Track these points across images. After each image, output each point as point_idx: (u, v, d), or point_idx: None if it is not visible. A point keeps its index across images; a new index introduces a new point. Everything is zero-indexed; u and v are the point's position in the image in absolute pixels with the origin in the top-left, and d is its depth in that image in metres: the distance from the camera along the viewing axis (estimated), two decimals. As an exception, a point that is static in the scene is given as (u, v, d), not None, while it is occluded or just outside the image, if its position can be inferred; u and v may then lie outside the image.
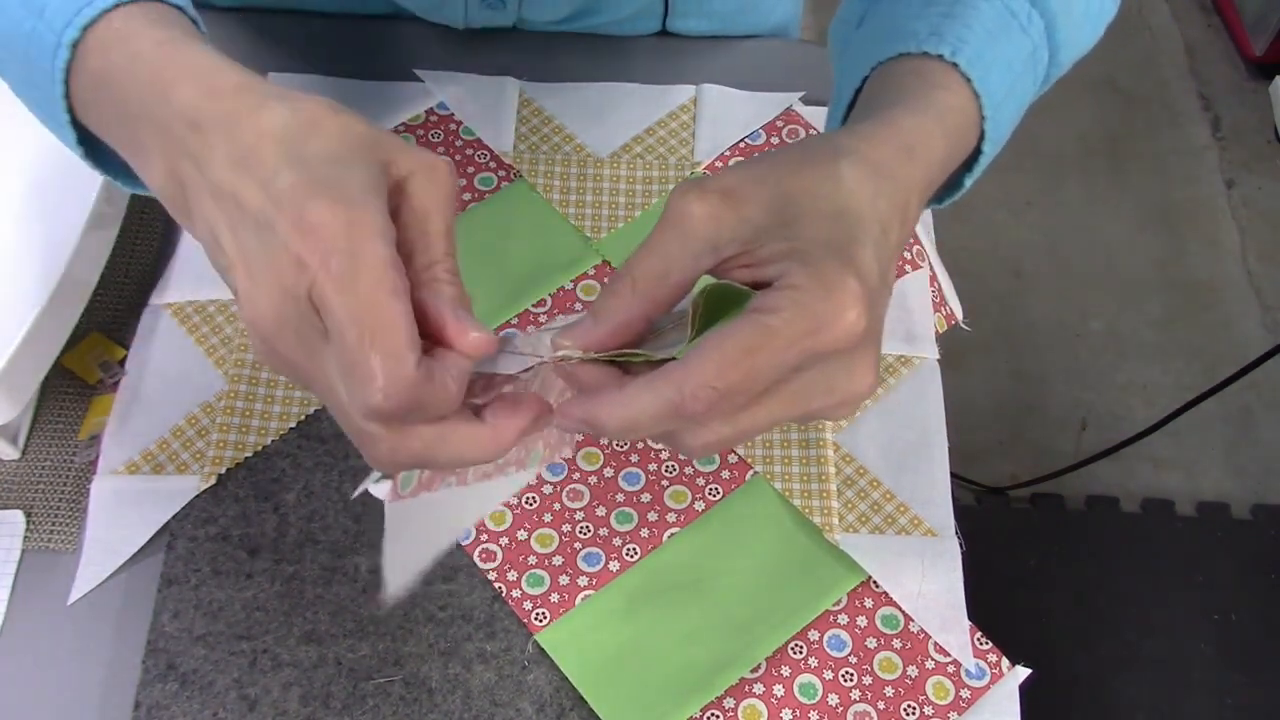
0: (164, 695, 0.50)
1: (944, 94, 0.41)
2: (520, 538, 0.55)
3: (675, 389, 0.33)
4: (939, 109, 0.41)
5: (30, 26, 0.38)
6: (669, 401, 0.33)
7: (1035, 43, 0.45)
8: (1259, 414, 1.58)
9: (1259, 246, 1.75)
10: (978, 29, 0.43)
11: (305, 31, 0.72)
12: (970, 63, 0.42)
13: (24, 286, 0.54)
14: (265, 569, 0.54)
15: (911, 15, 0.44)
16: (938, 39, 0.42)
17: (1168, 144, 1.86)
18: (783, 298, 0.34)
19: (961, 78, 0.42)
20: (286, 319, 0.33)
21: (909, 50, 0.42)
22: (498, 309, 0.62)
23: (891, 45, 0.43)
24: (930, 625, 0.53)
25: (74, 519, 0.55)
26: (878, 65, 0.44)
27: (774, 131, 0.69)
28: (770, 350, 0.33)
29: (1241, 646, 1.37)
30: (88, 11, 0.37)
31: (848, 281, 0.34)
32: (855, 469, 0.58)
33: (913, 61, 0.42)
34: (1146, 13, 2.01)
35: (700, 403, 0.33)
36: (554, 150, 0.68)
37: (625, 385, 0.35)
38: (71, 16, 0.37)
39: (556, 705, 0.51)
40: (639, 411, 0.34)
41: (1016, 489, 1.43)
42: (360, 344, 0.32)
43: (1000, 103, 0.43)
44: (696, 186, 0.36)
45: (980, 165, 0.45)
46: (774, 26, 0.76)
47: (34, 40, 0.38)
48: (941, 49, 0.42)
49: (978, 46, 0.42)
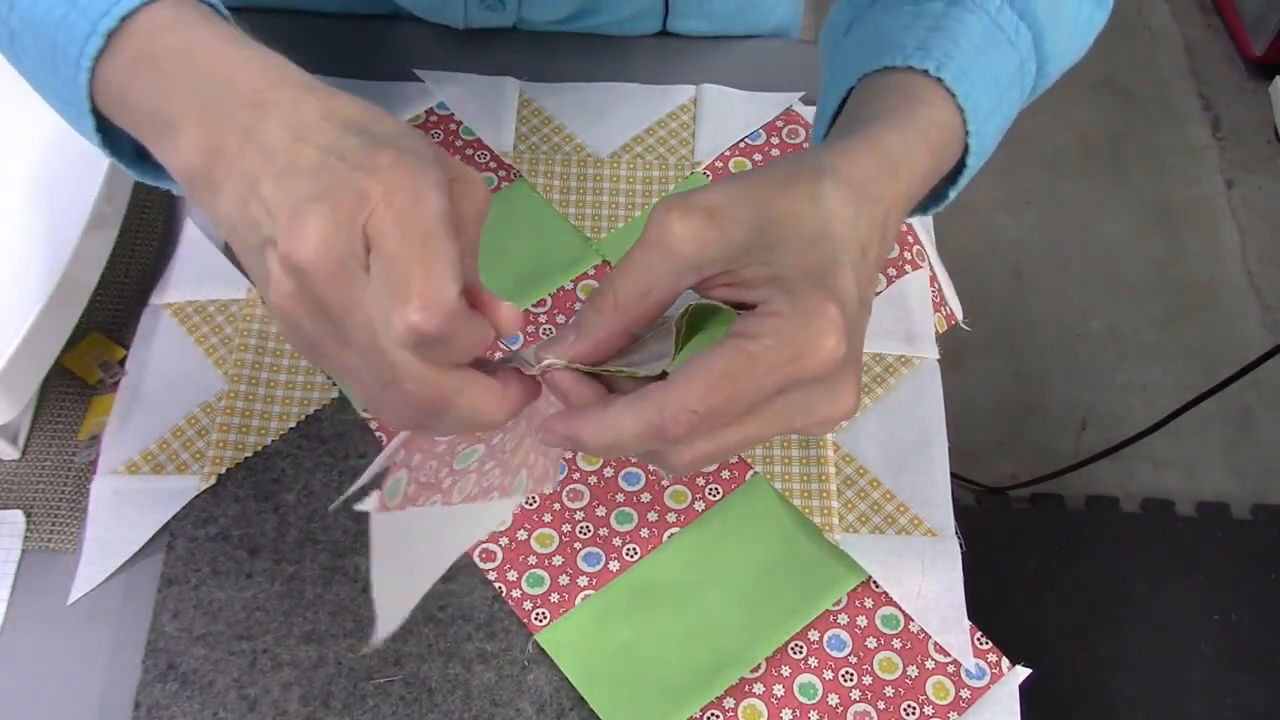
0: (164, 695, 0.50)
1: (928, 109, 0.41)
2: (520, 538, 0.55)
3: (657, 411, 0.34)
4: (923, 125, 0.41)
5: (61, 14, 0.38)
6: (650, 424, 0.34)
7: (1023, 55, 0.45)
8: (1259, 414, 1.58)
9: (1259, 246, 1.75)
10: (964, 43, 0.43)
11: (305, 31, 0.72)
12: (956, 78, 0.42)
13: (24, 286, 0.54)
14: (265, 569, 0.54)
15: (899, 27, 0.44)
16: (924, 53, 0.42)
17: (1168, 144, 1.86)
18: (764, 325, 0.34)
19: (947, 93, 0.42)
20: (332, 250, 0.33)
21: (895, 64, 0.43)
22: (498, 309, 0.62)
23: (878, 58, 0.43)
24: (930, 625, 0.53)
25: (74, 519, 0.55)
26: (864, 77, 0.44)
27: (774, 131, 0.69)
28: (751, 376, 0.34)
29: (1241, 646, 1.37)
30: (126, 3, 0.37)
31: (828, 309, 0.34)
32: (855, 469, 0.58)
33: (898, 75, 0.43)
34: (1146, 13, 2.01)
35: (681, 425, 0.34)
36: (554, 150, 0.68)
37: (608, 404, 0.35)
38: (110, 6, 0.37)
39: (556, 705, 0.51)
40: (621, 432, 0.35)
41: (1016, 489, 1.43)
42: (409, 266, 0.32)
43: (986, 117, 0.43)
44: (679, 204, 0.36)
45: (964, 178, 0.45)
46: (774, 27, 0.76)
47: (64, 28, 0.38)
48: (927, 64, 0.42)
49: (963, 61, 0.42)
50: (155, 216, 0.65)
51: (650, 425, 0.34)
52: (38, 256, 0.56)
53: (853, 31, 0.48)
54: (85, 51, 0.38)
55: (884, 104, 0.42)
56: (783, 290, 0.35)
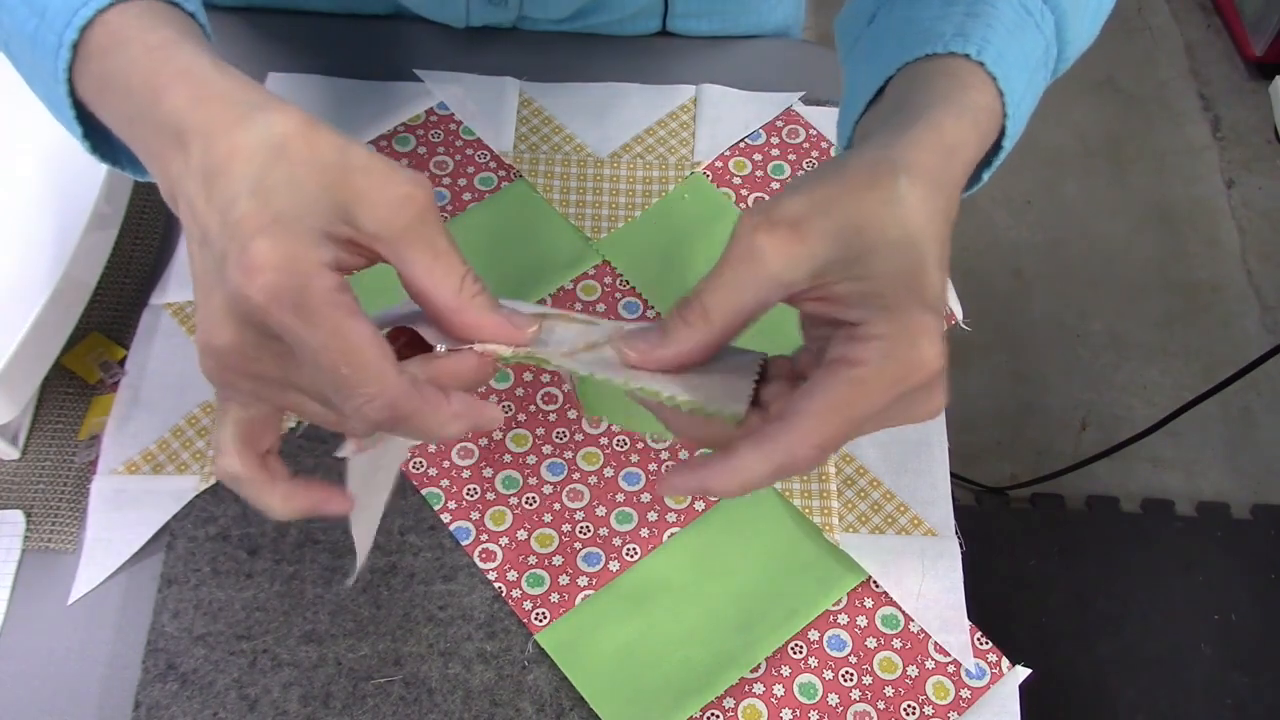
0: (164, 695, 0.50)
1: (974, 94, 0.42)
2: (520, 538, 0.55)
3: (785, 453, 0.36)
4: (973, 110, 0.42)
5: (33, 27, 0.38)
6: (780, 466, 0.36)
7: (1048, 39, 0.46)
8: (1259, 414, 1.58)
9: (1259, 246, 1.75)
10: (999, 28, 0.43)
11: (305, 31, 0.72)
12: (995, 62, 0.42)
13: (24, 286, 0.54)
14: (265, 569, 0.54)
15: (933, 15, 0.44)
16: (964, 39, 0.43)
17: (1168, 144, 1.86)
18: (869, 350, 0.35)
19: (988, 76, 0.42)
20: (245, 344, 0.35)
21: (936, 51, 0.43)
22: (498, 309, 0.62)
23: (919, 45, 0.44)
24: (930, 625, 0.53)
25: (74, 519, 0.55)
26: (905, 65, 0.44)
27: (774, 131, 0.69)
28: (867, 403, 0.35)
29: (1241, 646, 1.37)
30: (84, 12, 0.37)
31: (927, 322, 0.36)
32: (855, 469, 0.58)
33: (940, 61, 0.43)
34: (1146, 13, 2.01)
35: (808, 461, 0.36)
36: (554, 150, 0.68)
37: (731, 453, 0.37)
38: (70, 17, 0.37)
39: (556, 705, 0.51)
40: (752, 476, 0.36)
41: (1016, 489, 1.43)
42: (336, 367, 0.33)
43: (1020, 99, 0.44)
44: (764, 219, 0.36)
45: (999, 160, 0.46)
46: (775, 26, 0.76)
47: (37, 41, 0.38)
48: (968, 49, 0.42)
49: (1000, 46, 0.43)
50: (155, 216, 0.65)
51: (779, 467, 0.36)
52: (38, 256, 0.56)
53: (878, 21, 0.49)
54: (58, 66, 0.38)
55: (934, 90, 0.42)
56: (881, 309, 0.35)
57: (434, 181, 0.66)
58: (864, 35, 0.49)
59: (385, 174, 0.35)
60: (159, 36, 0.37)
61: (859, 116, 0.47)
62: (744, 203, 0.66)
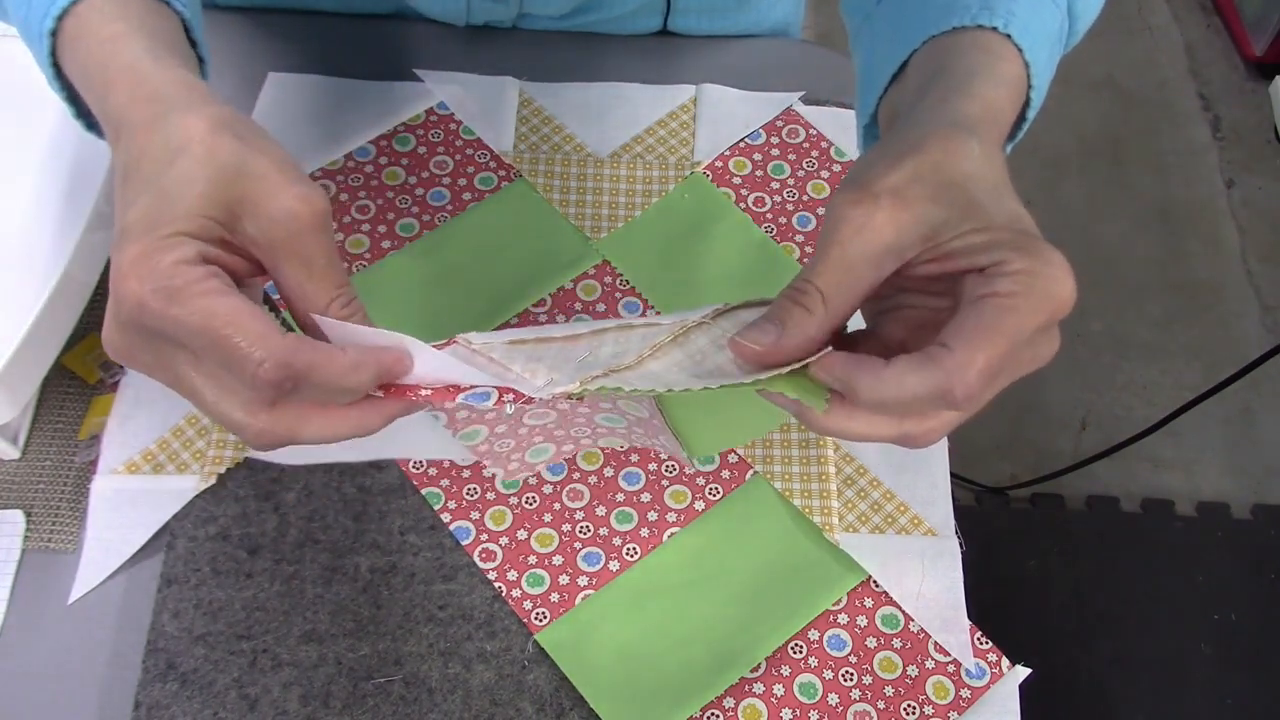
0: (164, 695, 0.50)
1: (1005, 65, 0.42)
2: (520, 537, 0.55)
3: (945, 375, 0.34)
4: (1007, 81, 0.42)
5: (24, 15, 0.40)
6: (938, 386, 0.34)
7: (1062, 13, 0.47)
8: (1259, 414, 1.58)
9: (1259, 246, 1.75)
10: (1022, 1, 0.44)
11: (305, 31, 0.72)
12: (1020, 34, 0.43)
13: (24, 286, 0.54)
14: (265, 569, 0.54)
15: None
16: (990, 12, 0.43)
17: (1168, 144, 1.86)
18: (1016, 281, 0.35)
19: (1015, 49, 0.43)
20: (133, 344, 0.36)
21: (964, 23, 0.43)
22: (497, 309, 0.62)
23: (945, 19, 0.44)
24: (930, 625, 0.53)
25: (74, 519, 0.55)
26: (931, 38, 0.44)
27: (774, 131, 0.69)
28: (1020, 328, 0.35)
29: (1241, 646, 1.37)
30: (60, 1, 0.39)
31: (1055, 254, 0.36)
32: (855, 469, 0.58)
33: (969, 34, 0.43)
34: (1146, 13, 2.01)
35: (968, 387, 0.34)
36: (554, 150, 0.68)
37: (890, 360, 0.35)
38: (48, 6, 0.39)
39: (556, 705, 0.51)
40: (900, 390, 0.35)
41: (1016, 489, 1.43)
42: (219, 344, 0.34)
43: (1042, 70, 0.44)
44: (865, 194, 0.36)
45: (1023, 131, 0.46)
46: (775, 24, 0.76)
47: (27, 28, 0.40)
48: (995, 21, 0.43)
49: (1025, 18, 0.43)
50: (155, 216, 0.65)
51: (937, 388, 0.34)
52: (38, 256, 0.56)
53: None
54: (42, 53, 0.40)
55: (968, 62, 0.42)
56: (1014, 249, 0.35)
57: (434, 181, 0.66)
58: (875, 14, 0.50)
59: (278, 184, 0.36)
60: (111, 30, 0.39)
61: (883, 92, 0.47)
62: (744, 202, 0.66)
